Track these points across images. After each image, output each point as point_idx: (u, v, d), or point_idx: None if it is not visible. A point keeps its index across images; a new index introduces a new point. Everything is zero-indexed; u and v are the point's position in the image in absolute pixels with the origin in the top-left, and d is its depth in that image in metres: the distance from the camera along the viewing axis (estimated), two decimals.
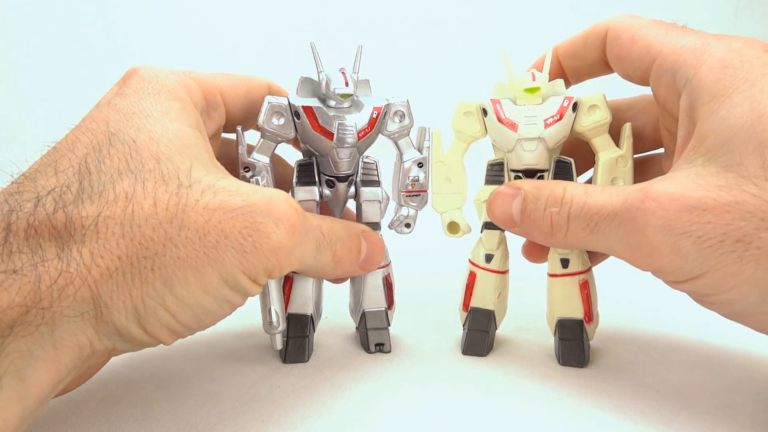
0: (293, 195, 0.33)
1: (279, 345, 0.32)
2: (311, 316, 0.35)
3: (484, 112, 0.34)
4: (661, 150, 0.35)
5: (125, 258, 0.23)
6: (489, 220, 0.35)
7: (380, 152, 0.35)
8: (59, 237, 0.23)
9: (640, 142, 0.35)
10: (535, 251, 0.37)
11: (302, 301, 0.35)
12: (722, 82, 0.27)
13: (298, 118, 0.32)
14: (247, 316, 0.36)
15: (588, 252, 0.34)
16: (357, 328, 0.37)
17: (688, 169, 0.27)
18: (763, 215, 0.24)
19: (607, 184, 0.33)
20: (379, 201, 0.34)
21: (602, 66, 0.34)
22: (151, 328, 0.24)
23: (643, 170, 0.35)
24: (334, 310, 0.37)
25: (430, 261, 0.54)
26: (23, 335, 0.21)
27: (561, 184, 0.31)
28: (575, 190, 0.30)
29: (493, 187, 0.34)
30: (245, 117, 0.34)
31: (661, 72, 0.30)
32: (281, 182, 0.34)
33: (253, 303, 0.35)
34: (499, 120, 0.33)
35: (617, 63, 0.32)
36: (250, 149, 0.33)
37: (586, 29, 0.34)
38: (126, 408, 0.30)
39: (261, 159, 0.33)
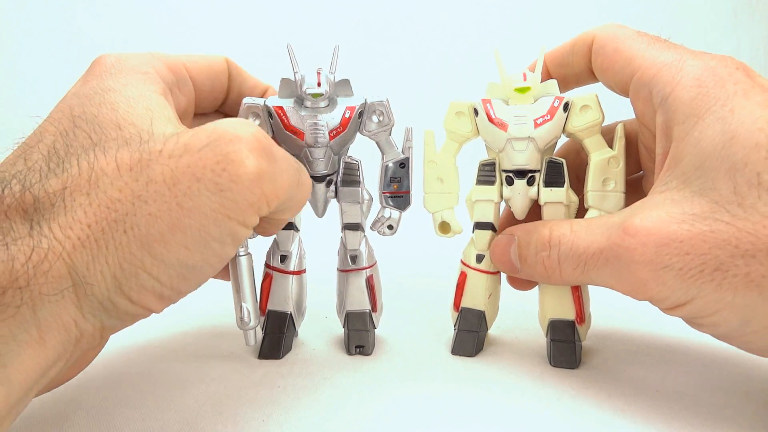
0: None
1: (252, 341, 0.32)
2: (291, 315, 0.35)
3: (476, 112, 0.34)
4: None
5: (95, 225, 0.22)
6: (480, 220, 0.35)
7: (370, 153, 0.35)
8: (29, 216, 0.22)
9: (633, 146, 0.34)
10: (518, 282, 0.37)
11: (281, 299, 0.35)
12: (696, 102, 0.27)
13: (272, 118, 0.33)
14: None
15: None
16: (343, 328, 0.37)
17: (663, 194, 0.27)
18: (737, 242, 0.24)
19: (599, 186, 0.33)
20: (359, 202, 0.34)
21: (589, 74, 0.34)
22: (135, 296, 0.23)
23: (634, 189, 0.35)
24: (335, 310, 0.37)
25: (421, 261, 0.54)
26: (3, 319, 0.20)
27: (547, 226, 0.31)
28: (561, 230, 0.31)
29: (484, 188, 0.34)
30: (211, 91, 0.34)
31: (639, 86, 0.30)
32: None
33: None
34: (490, 120, 0.33)
35: (601, 73, 0.33)
36: None
37: (574, 37, 0.34)
38: (126, 408, 0.30)
39: None
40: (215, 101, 0.35)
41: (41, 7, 0.79)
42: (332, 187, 0.34)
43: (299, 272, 0.36)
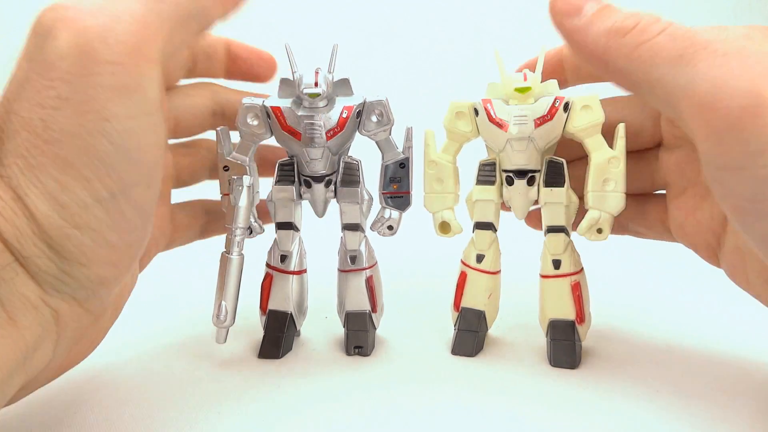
0: (272, 193, 0.34)
1: (222, 340, 0.32)
2: (292, 315, 0.35)
3: (476, 111, 0.34)
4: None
5: (4, 195, 0.21)
6: (480, 220, 0.35)
7: (370, 153, 0.35)
8: None
9: (638, 138, 0.34)
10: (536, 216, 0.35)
11: (282, 298, 0.35)
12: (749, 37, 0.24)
13: (270, 119, 0.33)
14: (247, 316, 0.36)
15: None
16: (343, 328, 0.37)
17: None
18: None
19: (599, 186, 0.32)
20: (358, 202, 0.34)
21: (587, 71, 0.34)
22: (83, 257, 0.22)
23: (638, 165, 0.35)
24: (335, 310, 0.37)
25: (421, 261, 0.54)
26: None
27: None
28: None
29: (484, 188, 0.34)
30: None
31: None
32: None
33: (251, 303, 0.36)
34: (490, 119, 0.33)
35: None
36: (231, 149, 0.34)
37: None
38: (126, 408, 0.30)
39: (240, 158, 0.34)
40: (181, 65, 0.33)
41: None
42: (332, 188, 0.34)
43: (300, 272, 0.36)
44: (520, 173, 0.33)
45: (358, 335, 0.35)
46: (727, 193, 0.23)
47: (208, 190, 0.38)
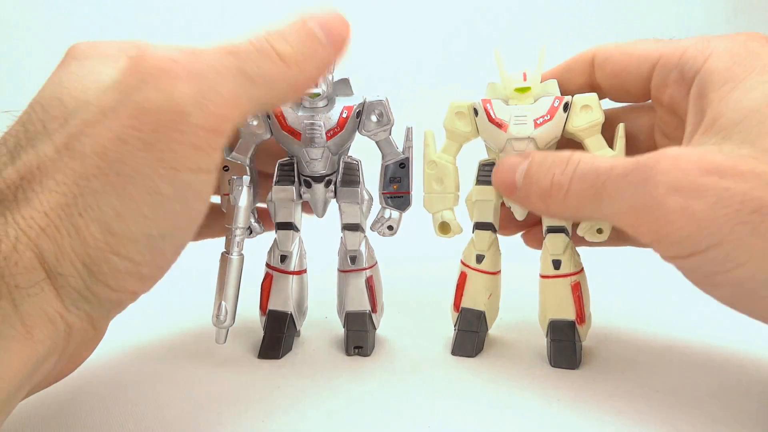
0: (272, 194, 0.34)
1: (221, 340, 0.32)
2: (292, 315, 0.35)
3: (476, 111, 0.34)
4: None
5: (51, 212, 0.21)
6: (480, 220, 0.35)
7: (370, 153, 0.35)
8: None
9: (633, 149, 0.34)
10: (505, 221, 0.36)
11: (282, 299, 0.35)
12: (732, 69, 0.26)
13: (270, 119, 0.33)
14: (246, 316, 0.36)
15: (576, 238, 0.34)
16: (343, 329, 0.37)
17: (702, 147, 0.26)
18: None
19: None
20: (358, 202, 0.34)
21: (587, 92, 0.34)
22: (113, 282, 0.22)
23: None
24: (335, 310, 0.37)
25: (421, 262, 0.54)
26: None
27: (570, 151, 0.29)
28: (584, 154, 0.29)
29: (484, 188, 0.34)
30: None
31: (666, 71, 0.30)
32: (266, 182, 0.35)
33: (251, 302, 0.36)
34: (490, 119, 0.33)
35: (612, 79, 0.32)
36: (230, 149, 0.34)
37: (569, 59, 0.34)
38: (126, 408, 0.30)
39: (240, 158, 0.34)
40: None
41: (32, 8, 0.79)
42: (332, 188, 0.34)
43: (300, 272, 0.36)
44: None
45: (359, 335, 0.35)
46: (683, 272, 0.26)
47: None
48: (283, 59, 0.25)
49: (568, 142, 0.34)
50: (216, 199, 0.36)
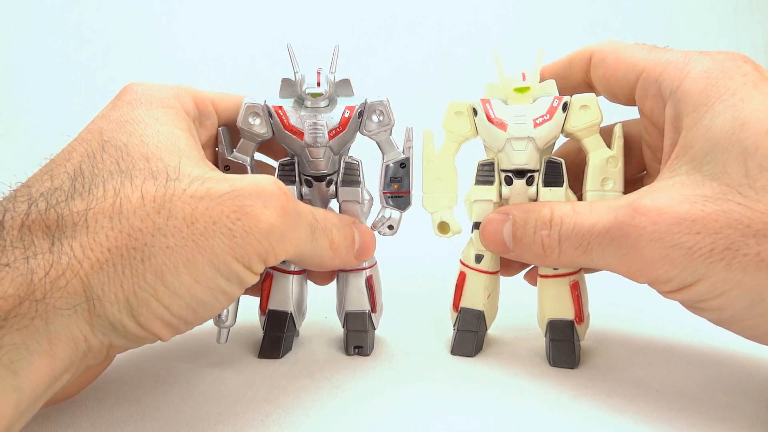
0: None
1: (222, 340, 0.33)
2: (291, 315, 0.35)
3: (475, 111, 0.34)
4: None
5: (115, 250, 0.23)
6: (479, 220, 0.35)
7: (371, 153, 0.35)
8: (51, 233, 0.23)
9: (625, 156, 0.34)
10: (505, 264, 0.37)
11: (282, 298, 0.35)
12: (705, 92, 0.28)
13: (272, 118, 0.33)
14: (246, 316, 0.36)
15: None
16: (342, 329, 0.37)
17: (672, 179, 0.27)
18: (749, 222, 0.25)
19: (598, 185, 0.33)
20: (359, 202, 0.34)
21: (585, 88, 0.35)
22: (144, 321, 0.24)
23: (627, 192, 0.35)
24: (335, 310, 0.37)
25: (421, 261, 0.54)
26: (17, 328, 0.21)
27: (548, 206, 0.31)
28: (563, 210, 0.30)
29: (483, 187, 0.34)
30: (233, 127, 0.34)
31: (647, 84, 0.30)
32: None
33: (251, 302, 0.36)
34: (489, 119, 0.33)
35: (603, 82, 0.33)
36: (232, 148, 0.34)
37: (571, 53, 0.35)
38: (125, 408, 0.30)
39: (241, 158, 0.34)
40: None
41: (63, 25, 0.80)
42: (333, 187, 0.34)
43: (300, 272, 0.36)
44: (519, 173, 0.33)
45: (359, 335, 0.36)
46: (676, 301, 0.29)
47: None
48: (332, 243, 0.31)
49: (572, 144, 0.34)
50: None
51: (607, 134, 0.34)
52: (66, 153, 0.27)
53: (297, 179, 0.34)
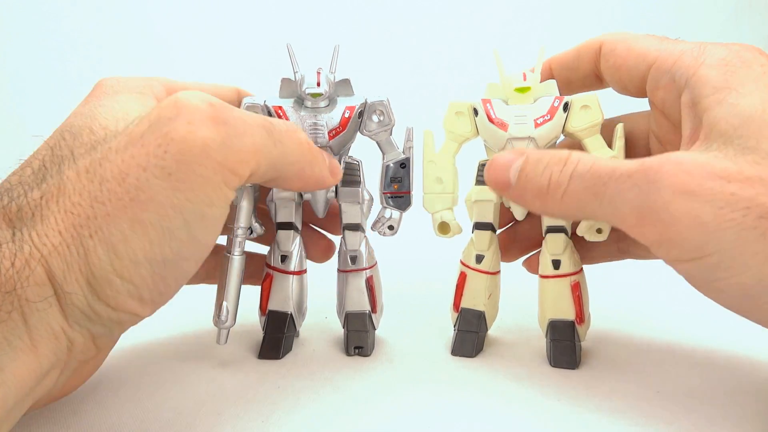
0: (272, 193, 0.34)
1: (222, 341, 0.32)
2: (291, 315, 0.35)
3: (475, 111, 0.34)
4: None
5: (65, 231, 0.22)
6: (480, 220, 0.35)
7: (371, 153, 0.35)
8: (13, 224, 0.23)
9: (629, 154, 0.34)
10: (505, 242, 0.36)
11: (282, 299, 0.35)
12: (725, 78, 0.27)
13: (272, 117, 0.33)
14: (246, 316, 0.36)
15: (579, 251, 0.34)
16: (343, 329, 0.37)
17: (705, 153, 0.25)
18: None
19: None
20: (359, 202, 0.34)
21: (594, 79, 0.34)
22: (114, 302, 0.23)
23: None
24: (335, 311, 0.37)
25: (421, 262, 0.54)
26: None
27: (568, 150, 0.28)
28: (582, 155, 0.28)
29: (483, 188, 0.34)
30: None
31: (659, 75, 0.30)
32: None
33: (251, 303, 0.36)
34: (490, 120, 0.33)
35: (613, 73, 0.32)
36: None
37: (580, 44, 0.34)
38: (125, 408, 0.30)
39: None
40: None
41: (63, 25, 0.80)
42: (333, 187, 0.34)
43: (300, 272, 0.36)
44: None
45: (359, 335, 0.35)
46: (685, 276, 0.26)
47: None
48: (303, 143, 0.28)
49: (572, 143, 0.34)
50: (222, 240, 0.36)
51: (609, 129, 0.33)
52: (36, 151, 0.26)
53: None
